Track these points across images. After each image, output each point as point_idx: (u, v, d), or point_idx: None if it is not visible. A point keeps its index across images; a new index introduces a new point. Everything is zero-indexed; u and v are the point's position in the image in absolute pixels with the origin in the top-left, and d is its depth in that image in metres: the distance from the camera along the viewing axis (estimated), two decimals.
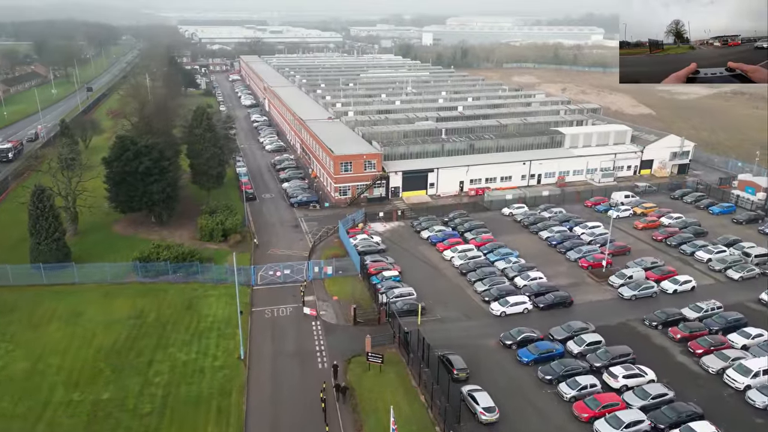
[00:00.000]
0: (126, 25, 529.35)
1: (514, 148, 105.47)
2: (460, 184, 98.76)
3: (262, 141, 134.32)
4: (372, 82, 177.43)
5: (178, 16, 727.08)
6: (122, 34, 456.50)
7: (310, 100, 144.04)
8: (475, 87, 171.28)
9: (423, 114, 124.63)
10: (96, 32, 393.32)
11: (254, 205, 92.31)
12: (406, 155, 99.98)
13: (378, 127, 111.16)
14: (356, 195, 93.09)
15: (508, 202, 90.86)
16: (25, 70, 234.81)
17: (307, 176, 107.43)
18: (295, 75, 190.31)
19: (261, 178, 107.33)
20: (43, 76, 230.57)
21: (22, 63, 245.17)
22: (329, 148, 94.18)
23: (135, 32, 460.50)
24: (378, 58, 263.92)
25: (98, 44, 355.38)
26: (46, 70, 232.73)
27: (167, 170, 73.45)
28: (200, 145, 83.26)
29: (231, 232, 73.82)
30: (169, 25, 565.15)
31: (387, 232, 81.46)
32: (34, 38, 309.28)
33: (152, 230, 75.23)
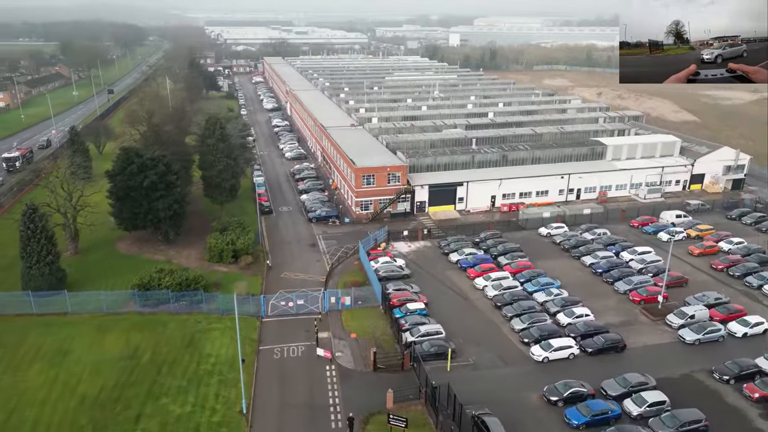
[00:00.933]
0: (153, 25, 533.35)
1: (550, 159, 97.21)
2: (492, 199, 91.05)
3: (282, 148, 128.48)
4: (397, 86, 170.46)
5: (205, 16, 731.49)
6: (149, 35, 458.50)
7: (333, 105, 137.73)
8: (506, 91, 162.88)
9: (451, 121, 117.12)
10: (123, 33, 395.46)
11: (270, 219, 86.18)
12: (433, 167, 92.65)
13: (403, 136, 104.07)
14: (379, 210, 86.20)
15: (546, 220, 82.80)
16: (49, 71, 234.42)
17: (327, 187, 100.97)
18: (318, 78, 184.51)
19: (279, 189, 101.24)
20: (67, 78, 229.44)
21: (47, 64, 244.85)
22: (351, 159, 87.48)
23: (162, 33, 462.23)
24: (404, 60, 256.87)
25: (124, 45, 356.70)
26: (70, 71, 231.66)
27: (174, 185, 67.62)
28: (212, 156, 77.41)
29: (242, 253, 67.62)
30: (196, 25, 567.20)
31: (411, 253, 74.33)
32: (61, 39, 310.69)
33: (158, 249, 69.48)
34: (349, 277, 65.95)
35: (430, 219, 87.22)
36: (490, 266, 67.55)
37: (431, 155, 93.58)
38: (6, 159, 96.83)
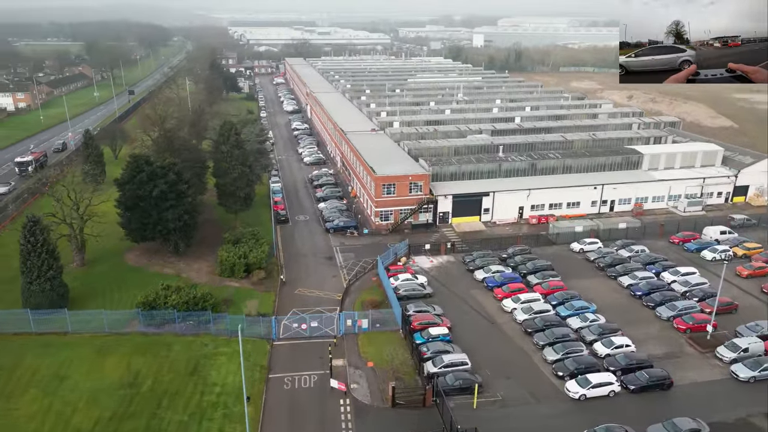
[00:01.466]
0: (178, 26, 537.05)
1: (582, 169, 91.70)
2: (520, 211, 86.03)
3: (301, 152, 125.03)
4: (420, 88, 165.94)
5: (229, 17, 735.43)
6: (173, 36, 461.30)
7: (354, 108, 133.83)
8: (533, 94, 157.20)
9: (476, 126, 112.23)
10: (147, 33, 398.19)
11: (286, 229, 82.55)
12: (458, 175, 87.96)
13: (426, 142, 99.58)
14: (399, 221, 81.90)
15: (578, 235, 77.52)
16: (72, 71, 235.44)
17: (346, 195, 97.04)
18: (339, 79, 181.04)
19: (296, 196, 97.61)
20: (90, 78, 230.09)
21: (71, 64, 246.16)
22: (371, 166, 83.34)
23: (186, 33, 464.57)
24: (427, 61, 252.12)
25: (148, 45, 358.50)
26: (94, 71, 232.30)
27: (185, 195, 64.26)
28: (227, 164, 73.99)
29: (255, 267, 63.94)
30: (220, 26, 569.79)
31: (434, 269, 69.86)
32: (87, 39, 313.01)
33: (167, 262, 66.20)
34: (367, 295, 61.75)
35: (453, 231, 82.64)
36: (519, 286, 62.68)
37: (455, 163, 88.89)
38: (18, 164, 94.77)
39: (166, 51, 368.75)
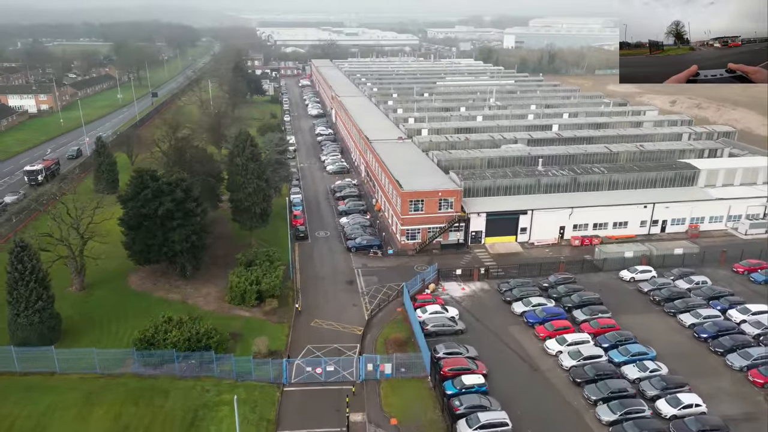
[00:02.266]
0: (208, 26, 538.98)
1: (630, 185, 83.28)
2: (561, 231, 78.23)
3: (324, 160, 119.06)
4: (450, 92, 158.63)
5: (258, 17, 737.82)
6: (202, 36, 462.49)
7: (380, 114, 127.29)
8: (571, 99, 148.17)
9: (511, 135, 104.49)
10: (176, 34, 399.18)
11: (304, 247, 76.48)
12: (492, 190, 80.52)
13: (457, 152, 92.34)
14: (427, 240, 75.00)
15: (628, 261, 69.42)
16: (99, 72, 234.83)
17: (369, 208, 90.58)
18: (366, 82, 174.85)
19: (317, 209, 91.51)
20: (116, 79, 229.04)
21: (98, 65, 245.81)
22: (397, 180, 76.63)
23: (214, 34, 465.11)
24: (456, 63, 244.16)
25: (177, 46, 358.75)
26: (120, 72, 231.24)
27: (193, 213, 58.54)
28: (242, 178, 68.19)
29: (267, 295, 57.87)
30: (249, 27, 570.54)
31: (466, 298, 62.73)
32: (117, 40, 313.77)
33: (173, 285, 60.61)
34: (391, 331, 55.06)
35: (486, 252, 75.36)
36: (564, 324, 55.12)
37: (489, 177, 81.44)
38: (28, 172, 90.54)
39: (193, 52, 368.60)
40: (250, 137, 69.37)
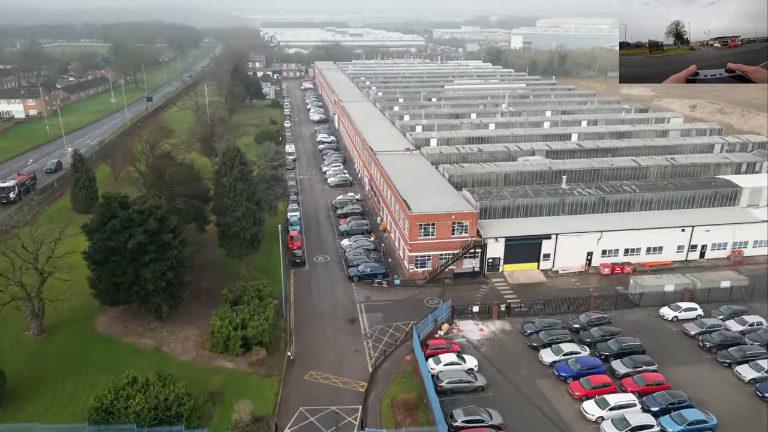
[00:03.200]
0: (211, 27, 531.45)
1: (664, 204, 74.81)
2: (588, 257, 69.82)
3: (326, 171, 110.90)
4: (458, 97, 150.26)
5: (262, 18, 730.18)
6: (204, 37, 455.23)
7: (385, 122, 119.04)
8: (587, 105, 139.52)
9: (528, 146, 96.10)
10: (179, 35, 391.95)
11: (301, 275, 68.41)
12: (511, 211, 72.16)
13: (470, 167, 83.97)
14: (438, 268, 66.74)
15: (668, 296, 60.91)
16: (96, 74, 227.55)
17: (373, 227, 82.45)
18: (370, 86, 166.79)
19: (316, 228, 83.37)
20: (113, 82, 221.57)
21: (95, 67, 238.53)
22: (405, 200, 68.39)
23: (217, 35, 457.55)
24: (464, 65, 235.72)
25: (178, 47, 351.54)
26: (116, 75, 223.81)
27: (169, 246, 50.44)
28: (229, 200, 60.13)
29: (255, 341, 49.75)
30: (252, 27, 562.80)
31: (485, 342, 54.44)
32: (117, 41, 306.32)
33: (147, 328, 52.51)
34: (399, 389, 46.82)
35: (505, 282, 67.05)
36: (604, 380, 46.69)
37: (508, 196, 73.04)
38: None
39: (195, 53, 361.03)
40: (240, 154, 61.23)
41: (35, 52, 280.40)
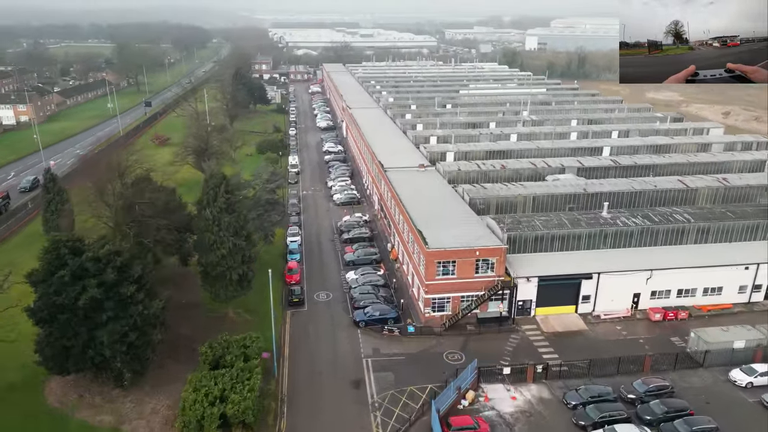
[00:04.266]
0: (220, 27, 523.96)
1: (723, 236, 64.28)
2: (635, 299, 59.55)
3: (331, 186, 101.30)
4: (475, 103, 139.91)
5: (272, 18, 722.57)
6: (212, 38, 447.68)
7: (396, 131, 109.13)
8: (615, 113, 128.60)
9: (555, 161, 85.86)
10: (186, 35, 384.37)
11: (299, 318, 58.84)
12: (544, 242, 62.00)
13: (493, 188, 73.86)
14: (460, 312, 56.81)
15: (738, 353, 50.54)
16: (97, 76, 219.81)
17: (383, 254, 72.76)
18: (380, 91, 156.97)
19: (319, 256, 73.75)
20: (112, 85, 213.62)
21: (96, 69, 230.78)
22: (420, 232, 58.50)
23: (225, 35, 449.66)
24: (479, 67, 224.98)
25: (184, 48, 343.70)
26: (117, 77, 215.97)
27: (132, 301, 40.95)
28: (213, 235, 50.61)
29: (236, 421, 40.12)
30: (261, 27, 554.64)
31: (520, 416, 44.44)
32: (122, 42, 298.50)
33: (106, 399, 43.06)
34: None
35: (538, 329, 57.02)
36: None
37: (540, 227, 62.81)
38: None
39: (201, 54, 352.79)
40: (225, 181, 51.64)
41: (38, 53, 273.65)
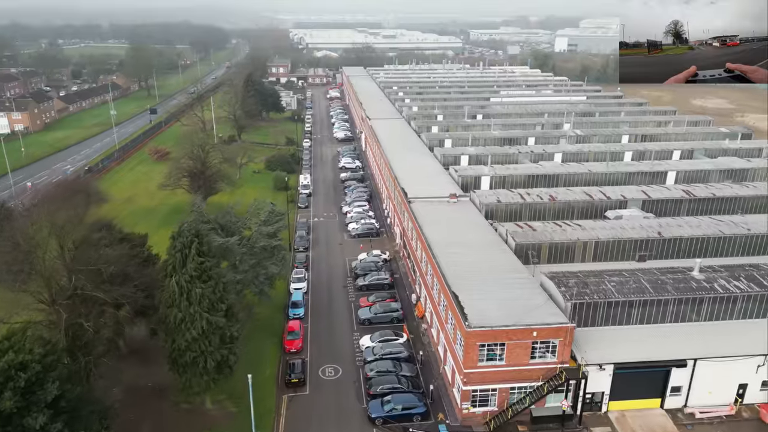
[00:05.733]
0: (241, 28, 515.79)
1: None
2: (740, 392, 44.96)
3: (347, 211, 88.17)
4: (509, 113, 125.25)
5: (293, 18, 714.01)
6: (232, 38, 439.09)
7: (422, 149, 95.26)
8: (670, 127, 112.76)
9: (614, 190, 71.32)
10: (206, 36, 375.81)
11: (298, 405, 45.75)
12: (619, 313, 47.59)
13: (544, 230, 59.59)
14: (509, 410, 42.90)
15: None
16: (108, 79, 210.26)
17: (407, 311, 59.17)
18: (404, 98, 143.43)
19: (328, 310, 60.53)
20: (125, 89, 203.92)
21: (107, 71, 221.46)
22: (457, 300, 44.70)
23: (245, 36, 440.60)
24: (510, 72, 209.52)
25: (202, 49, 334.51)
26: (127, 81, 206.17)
27: None
28: (180, 312, 37.58)
29: None
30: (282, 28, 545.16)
31: None
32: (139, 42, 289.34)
33: None
34: None
35: (613, 430, 42.80)
36: None
37: (614, 292, 48.30)
38: None
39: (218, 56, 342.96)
40: (198, 237, 38.50)
41: (51, 54, 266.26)
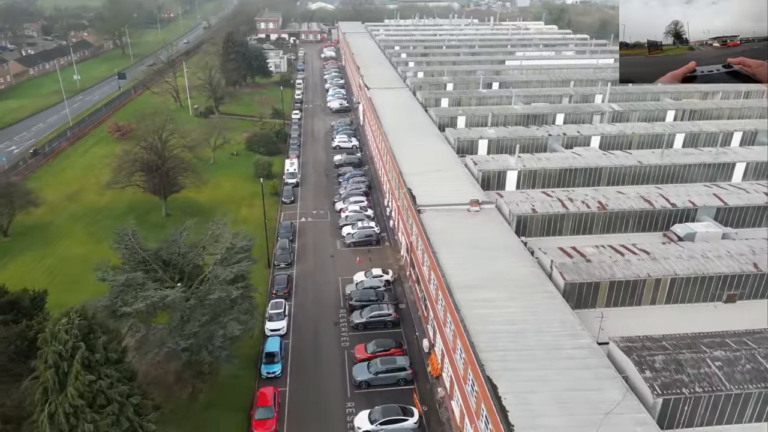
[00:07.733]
0: None
1: None
2: None
3: (341, 209, 73.22)
4: (528, 81, 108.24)
5: None
6: None
7: (431, 129, 79.02)
8: (718, 98, 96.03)
9: (680, 195, 56.21)
10: None
11: None
12: (722, 410, 33.34)
13: (603, 259, 44.70)
14: None
15: None
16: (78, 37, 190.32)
17: (417, 368, 45.11)
18: (407, 61, 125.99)
19: (314, 362, 46.40)
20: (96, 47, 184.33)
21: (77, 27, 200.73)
22: (496, 395, 30.32)
23: None
24: (524, 28, 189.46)
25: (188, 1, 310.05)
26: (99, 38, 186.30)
27: None
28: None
29: None
30: None
31: None
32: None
33: None
34: None
35: None
36: None
37: (720, 378, 33.85)
38: None
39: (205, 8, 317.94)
40: (91, 333, 23.67)
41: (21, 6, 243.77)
